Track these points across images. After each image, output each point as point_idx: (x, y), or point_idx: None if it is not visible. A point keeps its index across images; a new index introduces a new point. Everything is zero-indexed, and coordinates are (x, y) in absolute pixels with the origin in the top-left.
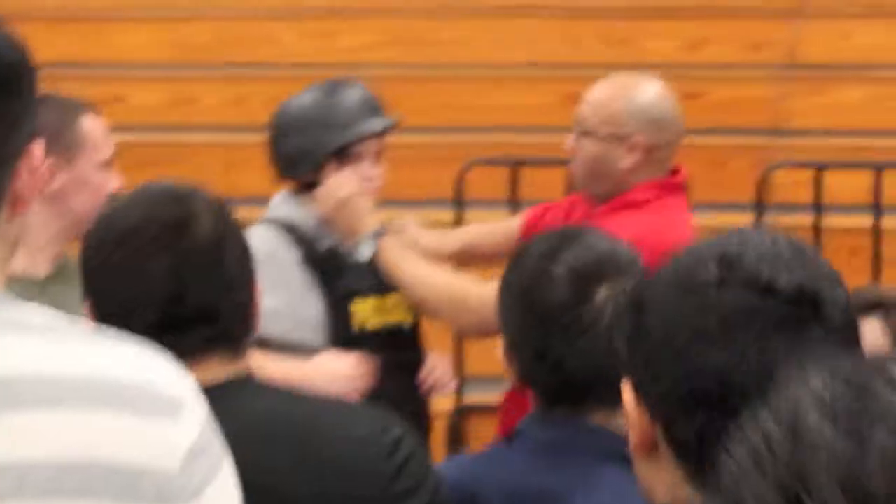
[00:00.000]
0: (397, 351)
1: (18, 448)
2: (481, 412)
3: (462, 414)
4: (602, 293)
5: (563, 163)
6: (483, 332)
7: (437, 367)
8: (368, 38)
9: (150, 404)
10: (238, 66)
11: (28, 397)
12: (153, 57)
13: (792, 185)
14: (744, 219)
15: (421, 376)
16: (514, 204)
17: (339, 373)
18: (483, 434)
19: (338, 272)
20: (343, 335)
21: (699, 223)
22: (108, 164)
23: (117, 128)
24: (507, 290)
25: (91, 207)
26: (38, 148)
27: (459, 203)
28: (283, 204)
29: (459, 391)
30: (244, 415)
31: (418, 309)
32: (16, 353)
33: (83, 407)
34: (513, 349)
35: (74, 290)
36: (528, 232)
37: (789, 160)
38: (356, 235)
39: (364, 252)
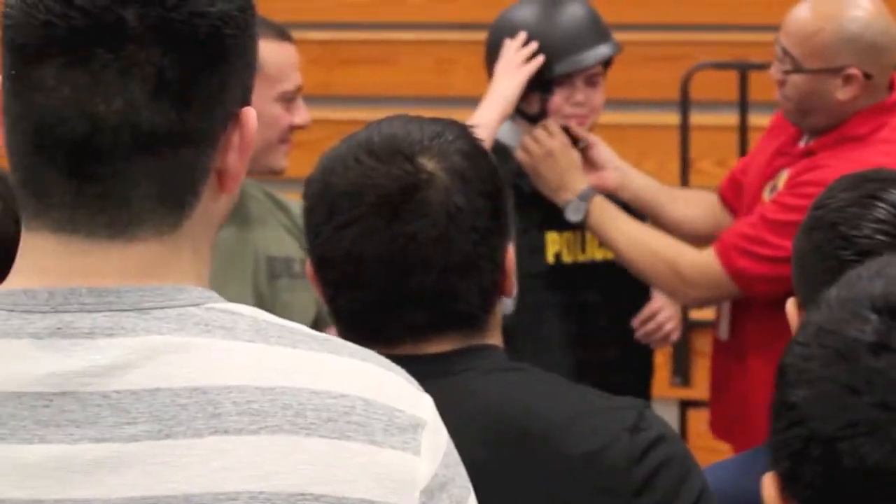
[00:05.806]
0: (607, 289)
1: (217, 477)
2: None
3: None
4: None
5: None
6: (702, 304)
7: (660, 309)
8: None
9: (381, 429)
10: None
11: (232, 414)
12: None
13: None
14: None
15: (637, 320)
16: (742, 106)
17: None
18: None
19: (538, 202)
20: (535, 268)
21: None
22: (288, 98)
23: (323, 25)
24: (809, 237)
25: (265, 143)
26: (249, 115)
27: (685, 105)
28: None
29: None
30: (459, 398)
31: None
32: (221, 362)
33: (297, 430)
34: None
35: (250, 231)
36: (729, 198)
37: None
38: (561, 193)
39: (571, 213)
